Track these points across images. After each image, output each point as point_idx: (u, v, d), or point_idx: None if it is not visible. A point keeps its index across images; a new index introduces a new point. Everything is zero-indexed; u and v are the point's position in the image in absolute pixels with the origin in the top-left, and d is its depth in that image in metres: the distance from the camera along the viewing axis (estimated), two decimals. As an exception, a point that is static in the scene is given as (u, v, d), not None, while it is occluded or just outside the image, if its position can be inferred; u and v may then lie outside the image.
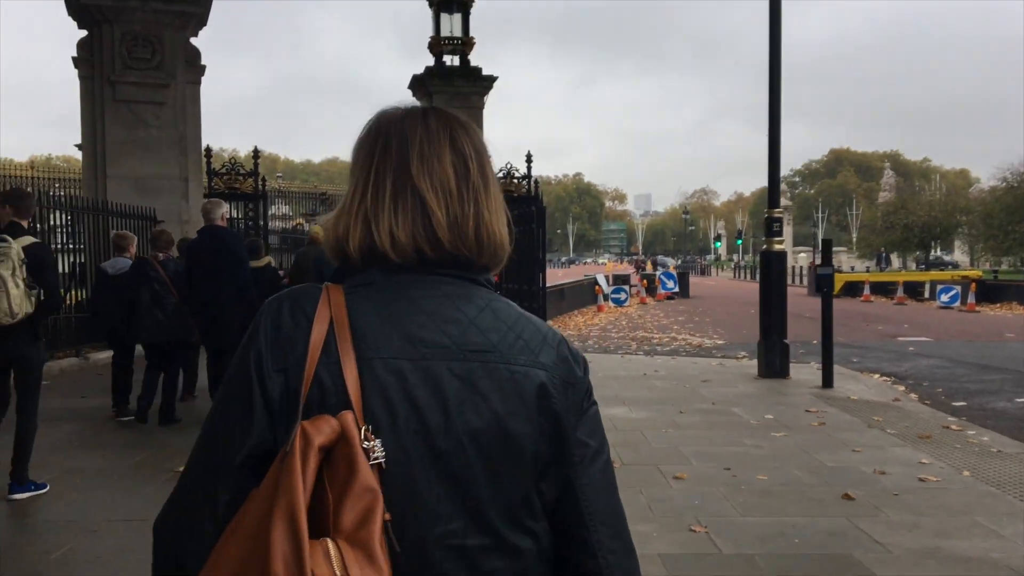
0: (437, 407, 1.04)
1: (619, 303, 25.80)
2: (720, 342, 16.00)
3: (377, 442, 0.99)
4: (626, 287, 26.91)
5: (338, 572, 0.89)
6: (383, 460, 0.99)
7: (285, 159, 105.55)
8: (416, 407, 1.03)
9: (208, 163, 14.55)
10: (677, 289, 30.26)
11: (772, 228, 10.49)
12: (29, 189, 10.31)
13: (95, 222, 12.97)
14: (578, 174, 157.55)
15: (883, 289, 30.44)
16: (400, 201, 1.10)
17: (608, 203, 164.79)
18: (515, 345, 1.10)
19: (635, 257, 74.15)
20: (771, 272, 10.51)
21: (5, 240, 5.02)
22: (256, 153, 14.70)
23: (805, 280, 33.77)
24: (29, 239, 5.29)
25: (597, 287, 25.57)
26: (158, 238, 7.80)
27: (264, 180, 14.99)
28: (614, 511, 1.14)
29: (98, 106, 13.65)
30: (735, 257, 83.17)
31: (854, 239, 75.78)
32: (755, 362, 12.05)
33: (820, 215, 77.79)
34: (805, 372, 10.87)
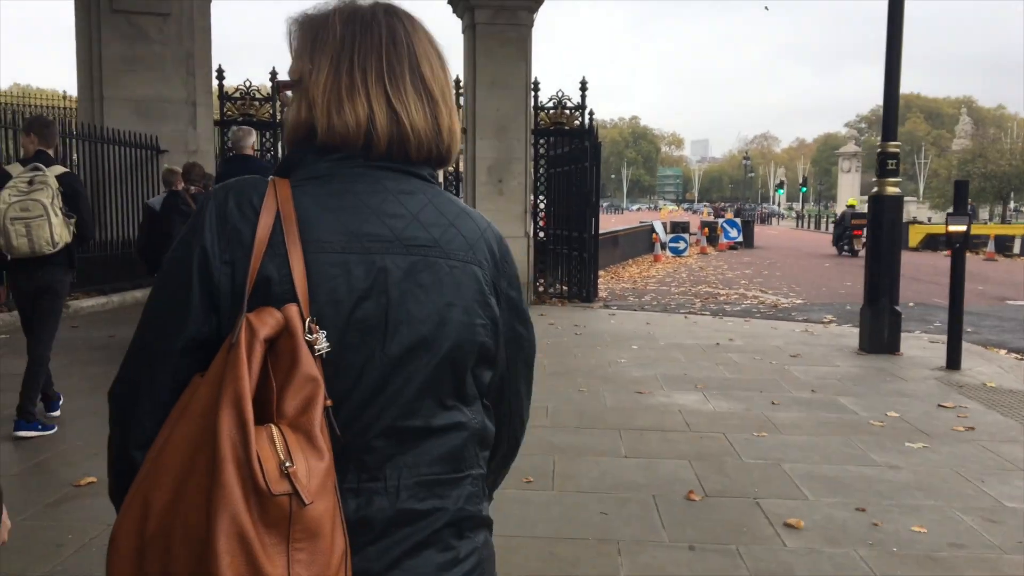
0: (381, 300, 1.08)
1: (677, 252, 23.74)
2: (798, 301, 13.96)
3: (321, 334, 1.03)
4: (685, 235, 24.78)
5: (281, 454, 0.96)
6: (326, 351, 1.03)
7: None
8: (361, 300, 1.08)
9: (220, 86, 12.84)
10: (740, 239, 28.02)
11: (886, 166, 8.36)
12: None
13: (91, 151, 11.44)
14: (634, 117, 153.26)
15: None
16: (340, 89, 1.13)
17: (664, 148, 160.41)
18: (454, 240, 1.16)
19: (713, 206, 71.06)
20: (882, 221, 8.43)
21: (40, 168, 5.03)
22: (274, 75, 12.94)
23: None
24: (60, 168, 5.23)
25: (655, 235, 23.52)
26: (191, 171, 7.97)
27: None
28: (530, 378, 1.34)
29: (94, 17, 11.96)
30: (794, 206, 79.74)
31: (920, 189, 71.82)
32: (846, 329, 10.10)
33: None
34: (914, 345, 8.87)
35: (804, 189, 66.45)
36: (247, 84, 13.09)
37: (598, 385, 6.78)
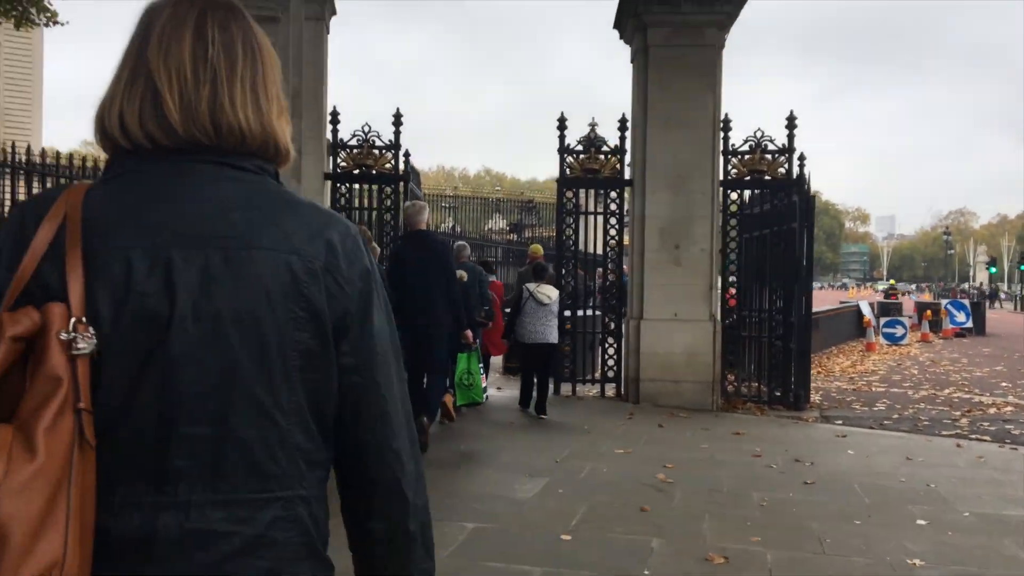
0: (164, 297, 1.01)
1: (894, 340, 19.39)
2: (1111, 419, 9.70)
3: (85, 334, 0.97)
4: (903, 319, 20.39)
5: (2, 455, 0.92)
6: (90, 351, 0.97)
7: (512, 177, 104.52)
8: (142, 298, 1.01)
9: (334, 131, 10.55)
10: (969, 323, 23.06)
11: None
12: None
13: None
14: (816, 192, 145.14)
15: None
16: (134, 87, 1.08)
17: (848, 224, 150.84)
18: (265, 231, 1.06)
19: (952, 286, 63.58)
20: None
21: None
22: (398, 118, 10.54)
23: None
24: None
25: (866, 319, 19.33)
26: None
27: (408, 155, 10.76)
28: (398, 412, 1.14)
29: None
30: (1000, 285, 70.94)
31: None
32: None
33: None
34: None
35: (1023, 267, 58.25)
36: (366, 129, 10.69)
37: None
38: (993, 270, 63.15)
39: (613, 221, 10.69)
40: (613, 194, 10.69)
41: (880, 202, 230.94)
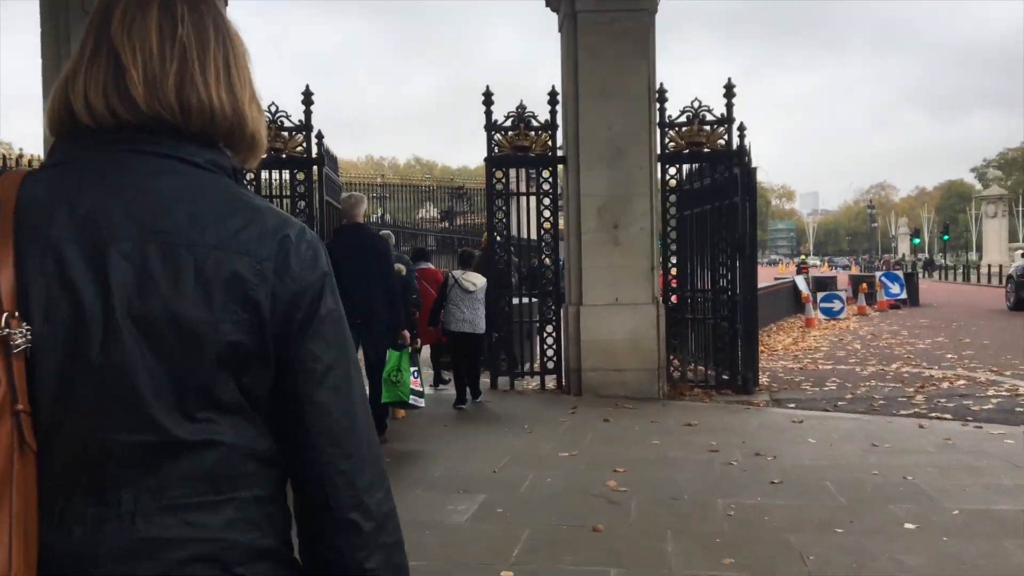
0: (97, 292, 0.95)
1: (832, 314, 19.20)
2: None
3: (20, 329, 0.92)
4: (840, 293, 20.23)
5: None
6: (25, 348, 0.92)
7: (443, 164, 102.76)
8: (74, 292, 0.95)
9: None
10: (904, 295, 23.09)
11: None
12: None
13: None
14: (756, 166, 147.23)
15: None
16: (96, 60, 1.03)
17: (774, 201, 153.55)
18: (209, 227, 0.99)
19: (886, 258, 64.41)
20: None
21: None
22: (308, 96, 9.60)
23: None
24: None
25: (804, 295, 19.08)
26: None
27: (321, 136, 9.83)
28: (351, 428, 1.05)
29: (62, 21, 8.91)
30: (919, 256, 72.91)
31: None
32: None
33: (1021, 208, 66.59)
34: None
35: (946, 237, 59.61)
36: (272, 109, 9.72)
37: None
38: (916, 241, 64.55)
39: (547, 202, 9.97)
40: (546, 172, 9.96)
41: (803, 179, 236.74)
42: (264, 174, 9.74)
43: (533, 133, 9.77)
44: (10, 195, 0.98)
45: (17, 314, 0.92)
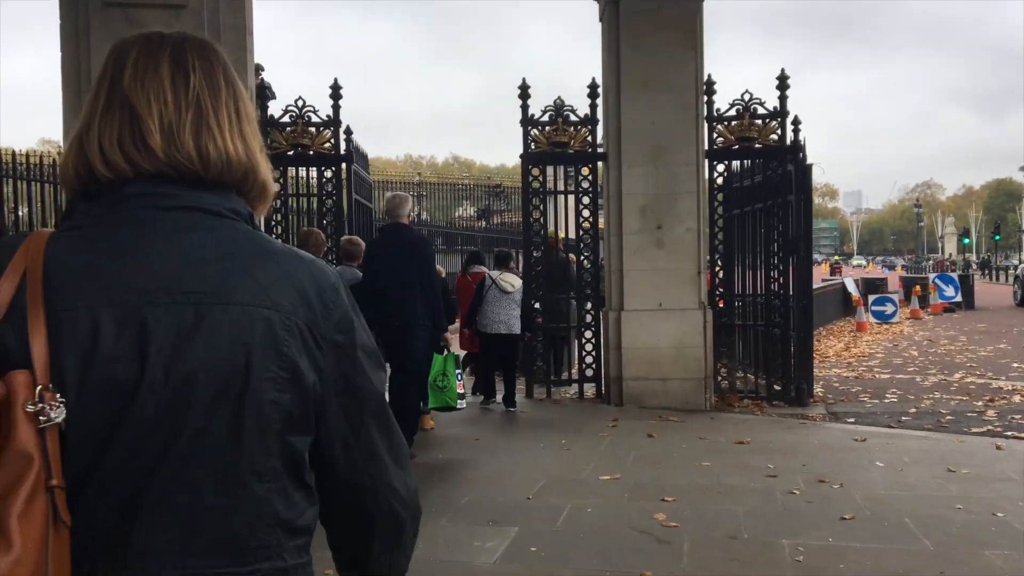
0: (135, 359, 0.94)
1: (884, 318, 18.35)
2: None
3: (53, 403, 0.91)
4: (893, 296, 19.36)
5: None
6: (60, 421, 0.91)
7: (481, 163, 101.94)
8: (111, 361, 0.94)
9: (262, 107, 9.13)
10: (959, 298, 22.09)
11: None
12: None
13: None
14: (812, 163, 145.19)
15: None
16: (110, 111, 1.03)
17: (817, 200, 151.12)
18: (240, 283, 0.99)
19: (937, 258, 62.71)
20: None
21: None
22: (336, 90, 9.16)
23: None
24: None
25: (855, 297, 18.26)
26: (307, 240, 6.75)
27: (350, 132, 9.39)
28: (397, 448, 1.12)
29: (82, 16, 8.58)
30: (967, 256, 70.99)
31: None
32: None
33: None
34: None
35: (997, 237, 57.77)
36: (300, 103, 9.30)
37: None
38: (966, 241, 62.80)
39: (586, 200, 9.41)
40: (585, 170, 9.40)
41: (847, 178, 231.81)
42: (291, 171, 9.29)
43: (572, 128, 9.22)
44: (36, 263, 0.96)
45: (51, 386, 0.91)
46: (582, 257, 9.45)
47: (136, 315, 0.94)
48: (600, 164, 9.23)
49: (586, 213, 9.38)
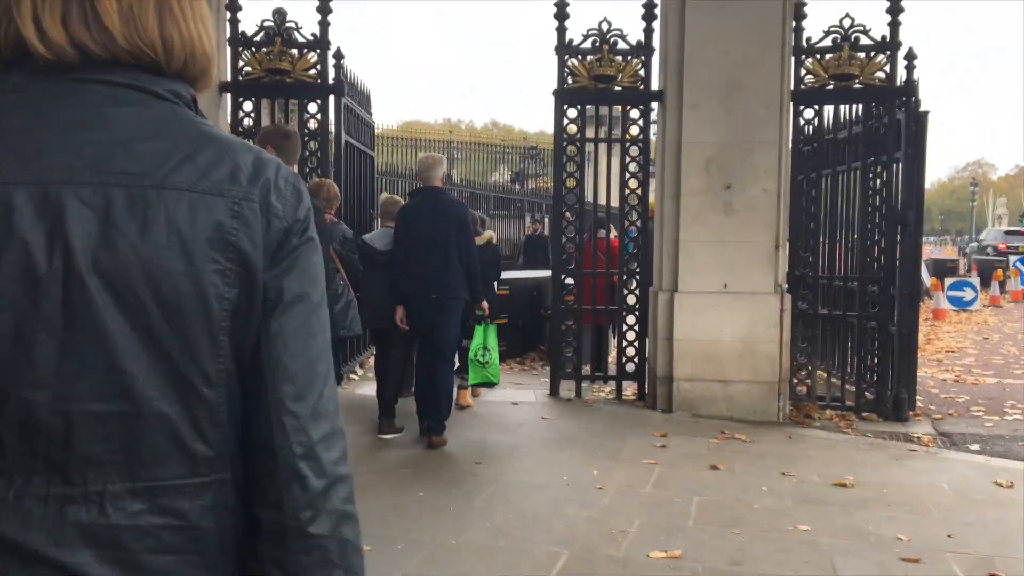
0: (55, 245, 0.83)
1: (961, 305, 16.19)
2: None
3: None
4: (971, 280, 17.16)
5: None
6: None
7: (520, 129, 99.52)
8: (26, 245, 0.83)
9: (233, 20, 7.25)
10: (1042, 284, 19.78)
11: None
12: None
13: None
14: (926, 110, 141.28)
15: None
16: None
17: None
18: (180, 168, 0.88)
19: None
20: None
21: None
22: (324, 3, 7.24)
23: None
24: None
25: (933, 281, 16.10)
26: (317, 192, 5.59)
27: (341, 56, 7.51)
28: (307, 369, 0.92)
29: None
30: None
31: None
32: None
33: None
34: None
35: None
36: (278, 19, 7.43)
37: None
38: (1025, 222, 59.44)
39: (635, 151, 7.45)
40: (635, 113, 7.41)
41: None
42: (265, 103, 7.43)
43: (620, 58, 7.23)
44: None
45: None
46: (631, 224, 7.54)
47: (60, 195, 0.84)
48: (655, 105, 7.25)
49: (634, 168, 7.42)
